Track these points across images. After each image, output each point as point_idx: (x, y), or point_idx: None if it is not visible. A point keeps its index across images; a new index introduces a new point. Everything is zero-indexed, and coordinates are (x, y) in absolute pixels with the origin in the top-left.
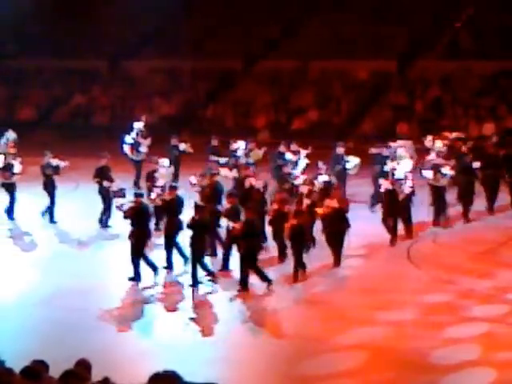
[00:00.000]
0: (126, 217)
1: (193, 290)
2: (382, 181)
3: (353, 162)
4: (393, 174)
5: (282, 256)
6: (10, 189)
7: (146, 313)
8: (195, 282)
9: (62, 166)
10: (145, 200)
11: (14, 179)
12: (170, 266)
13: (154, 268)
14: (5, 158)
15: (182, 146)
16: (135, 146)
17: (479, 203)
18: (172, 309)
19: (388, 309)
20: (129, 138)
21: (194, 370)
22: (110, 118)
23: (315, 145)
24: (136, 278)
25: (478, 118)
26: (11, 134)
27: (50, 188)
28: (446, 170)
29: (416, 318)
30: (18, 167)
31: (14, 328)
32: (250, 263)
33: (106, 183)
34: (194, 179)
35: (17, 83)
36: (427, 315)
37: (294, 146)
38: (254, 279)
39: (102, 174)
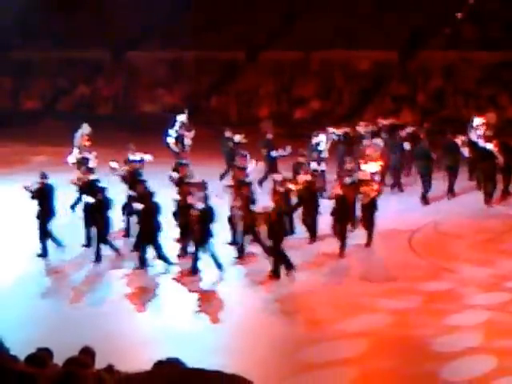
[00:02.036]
0: (33, 197)
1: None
2: (333, 186)
3: None
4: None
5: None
6: None
7: (150, 301)
8: (98, 258)
9: (146, 159)
10: (50, 181)
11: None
12: (88, 243)
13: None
14: (79, 152)
15: (237, 138)
16: (179, 139)
17: (482, 192)
18: (175, 297)
19: (390, 297)
20: (173, 131)
21: (198, 357)
22: (114, 108)
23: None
24: (43, 253)
25: (479, 108)
26: (86, 128)
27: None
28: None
29: (417, 306)
30: (93, 162)
31: (18, 316)
32: (151, 243)
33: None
34: (114, 164)
35: (22, 74)
36: (429, 303)
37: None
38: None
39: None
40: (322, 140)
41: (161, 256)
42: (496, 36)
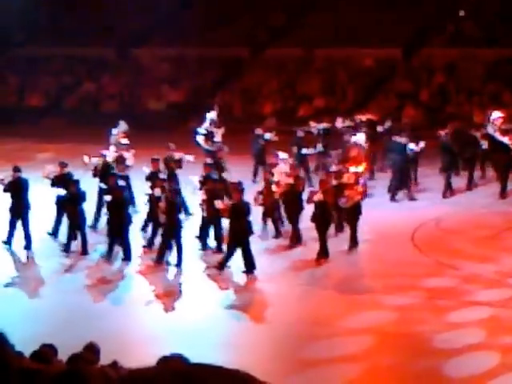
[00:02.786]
0: (5, 190)
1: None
2: (312, 190)
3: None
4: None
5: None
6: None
7: (154, 297)
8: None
9: (185, 159)
10: (22, 174)
11: (128, 172)
12: (54, 234)
13: (29, 241)
14: (116, 150)
15: (267, 135)
16: (209, 136)
17: (484, 188)
18: (179, 294)
19: (392, 293)
20: (202, 129)
21: (201, 353)
22: (119, 105)
23: None
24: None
25: (482, 105)
26: (123, 125)
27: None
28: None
29: (420, 303)
30: (131, 159)
31: (23, 312)
32: (120, 234)
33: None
34: (86, 159)
35: (27, 71)
36: (431, 300)
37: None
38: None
39: (221, 169)
40: (359, 139)
41: (126, 248)
42: (499, 33)
